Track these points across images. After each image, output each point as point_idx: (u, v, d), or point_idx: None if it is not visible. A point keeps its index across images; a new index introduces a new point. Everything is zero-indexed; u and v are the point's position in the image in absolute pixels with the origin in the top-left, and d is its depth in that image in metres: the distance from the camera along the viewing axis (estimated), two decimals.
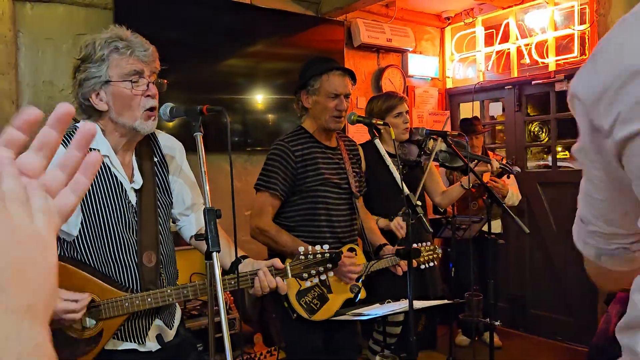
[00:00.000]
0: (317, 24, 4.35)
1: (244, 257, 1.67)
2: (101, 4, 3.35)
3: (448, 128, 5.13)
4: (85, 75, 1.46)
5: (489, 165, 3.06)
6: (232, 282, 1.57)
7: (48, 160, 0.44)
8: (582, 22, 4.24)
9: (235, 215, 1.46)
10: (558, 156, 4.72)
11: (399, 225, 2.61)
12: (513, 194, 4.00)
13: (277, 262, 1.68)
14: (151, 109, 1.49)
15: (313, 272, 1.70)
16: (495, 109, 5.09)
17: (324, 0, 4.36)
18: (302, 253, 1.73)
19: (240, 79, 3.96)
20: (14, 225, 0.39)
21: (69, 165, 0.46)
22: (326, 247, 1.76)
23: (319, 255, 1.72)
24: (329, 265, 1.73)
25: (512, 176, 3.69)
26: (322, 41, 4.28)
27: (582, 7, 4.24)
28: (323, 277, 1.73)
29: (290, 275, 1.68)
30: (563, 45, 4.42)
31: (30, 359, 0.35)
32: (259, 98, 4.03)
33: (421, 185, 2.85)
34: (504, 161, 3.42)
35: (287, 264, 1.70)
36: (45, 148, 0.44)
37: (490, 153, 4.44)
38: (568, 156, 5.08)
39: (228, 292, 3.33)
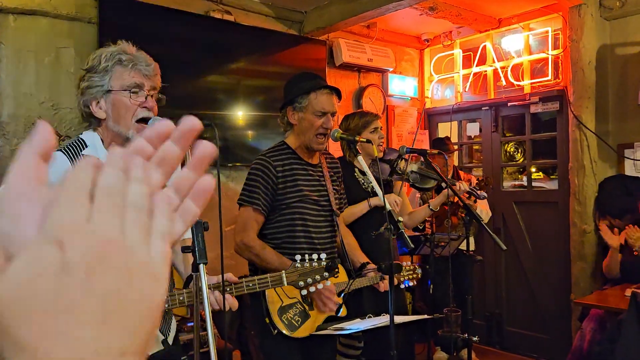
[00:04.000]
0: (300, 43, 4.41)
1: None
2: (85, 18, 3.36)
3: (424, 142, 5.22)
4: (88, 84, 1.52)
5: (457, 186, 3.10)
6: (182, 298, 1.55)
7: (167, 178, 0.38)
8: (555, 47, 4.39)
9: (222, 229, 1.47)
10: (533, 177, 4.84)
11: (395, 202, 2.70)
12: (482, 211, 4.08)
13: (230, 276, 1.65)
14: (144, 120, 1.52)
15: (309, 280, 1.72)
16: (473, 129, 5.20)
17: (307, 20, 4.44)
18: (298, 261, 1.74)
19: (222, 96, 3.99)
20: (126, 246, 0.33)
21: (182, 188, 0.39)
22: (323, 255, 1.77)
23: (315, 264, 1.73)
24: (326, 274, 1.74)
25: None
26: (304, 60, 4.34)
27: (555, 32, 4.40)
28: (320, 286, 1.74)
29: (285, 282, 1.69)
30: (537, 69, 4.56)
31: None
32: (240, 115, 4.05)
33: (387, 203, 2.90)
34: (480, 179, 3.49)
35: (283, 271, 1.71)
36: (165, 165, 0.38)
37: (461, 173, 4.54)
38: (542, 177, 5.21)
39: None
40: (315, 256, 1.76)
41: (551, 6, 4.26)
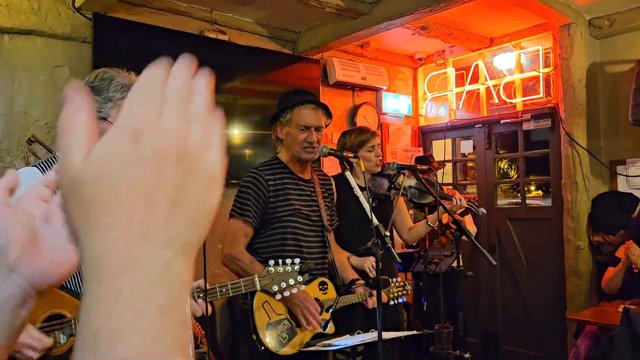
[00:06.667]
0: (294, 62, 4.46)
1: None
2: (80, 37, 3.40)
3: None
4: None
5: (453, 202, 3.08)
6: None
7: None
8: (546, 65, 4.44)
9: (205, 247, 1.48)
10: (529, 195, 4.85)
11: (371, 266, 2.64)
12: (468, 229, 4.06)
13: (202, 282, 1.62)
14: None
15: (283, 284, 1.71)
16: (466, 147, 5.23)
17: (301, 39, 4.50)
18: (271, 265, 1.74)
19: None
20: (191, 150, 0.36)
21: None
22: (297, 259, 1.77)
23: (289, 268, 1.73)
24: (299, 278, 1.74)
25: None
26: (298, 78, 4.39)
27: (546, 51, 4.45)
28: (294, 290, 1.73)
29: (258, 287, 1.68)
30: (529, 87, 4.61)
31: (176, 297, 0.34)
32: (236, 133, 4.08)
33: (391, 220, 2.88)
34: (471, 198, 3.49)
35: (256, 275, 1.70)
36: None
37: (445, 189, 4.53)
38: (541, 194, 5.22)
39: (199, 326, 3.29)
40: (288, 260, 1.77)
41: (541, 25, 4.32)
